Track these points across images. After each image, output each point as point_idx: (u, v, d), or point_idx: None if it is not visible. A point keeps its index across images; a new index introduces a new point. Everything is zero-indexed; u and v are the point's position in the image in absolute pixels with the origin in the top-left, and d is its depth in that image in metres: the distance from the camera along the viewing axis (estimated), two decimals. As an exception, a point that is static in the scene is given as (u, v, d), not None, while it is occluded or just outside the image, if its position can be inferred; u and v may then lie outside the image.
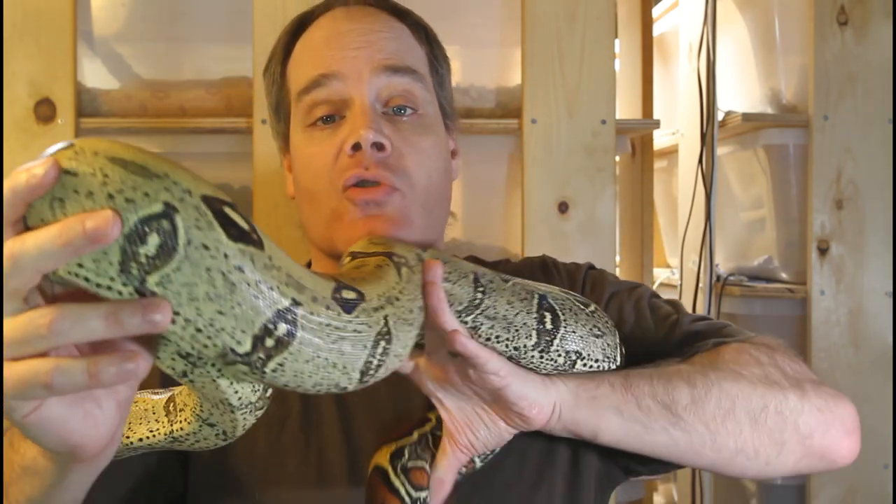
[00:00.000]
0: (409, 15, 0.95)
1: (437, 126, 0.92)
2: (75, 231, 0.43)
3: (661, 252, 2.44)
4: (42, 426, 0.49)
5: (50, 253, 0.44)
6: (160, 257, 0.45)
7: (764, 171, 1.86)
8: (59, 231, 0.44)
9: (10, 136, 1.50)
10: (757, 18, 1.94)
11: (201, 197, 0.47)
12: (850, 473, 1.74)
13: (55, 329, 0.45)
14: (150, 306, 0.45)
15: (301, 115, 0.90)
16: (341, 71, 0.86)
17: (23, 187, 0.45)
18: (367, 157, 0.83)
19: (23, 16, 1.50)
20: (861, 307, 1.75)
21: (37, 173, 0.44)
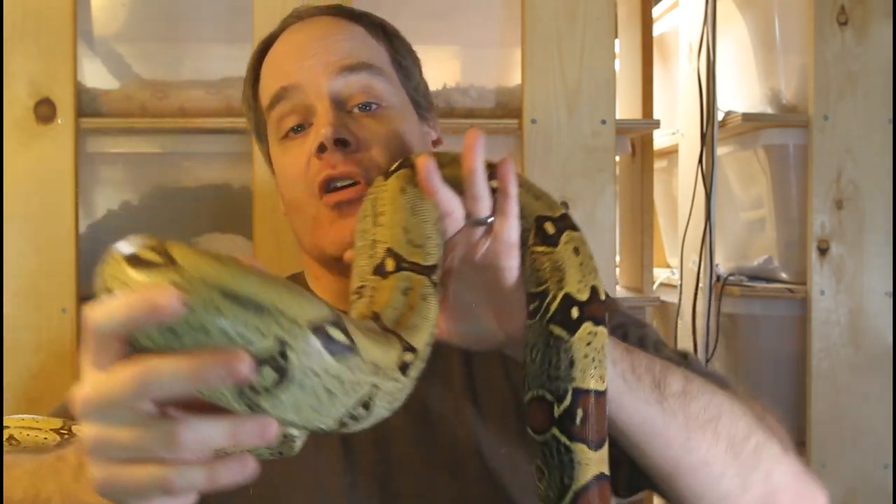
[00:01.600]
0: (364, 16, 0.96)
1: (406, 116, 0.92)
2: (211, 368, 0.47)
3: (661, 252, 2.44)
4: (128, 480, 0.51)
5: (183, 381, 0.47)
6: (274, 386, 0.49)
7: (764, 171, 1.86)
8: (195, 366, 0.47)
9: (10, 136, 1.50)
10: (757, 18, 1.94)
11: (308, 325, 0.50)
12: (850, 473, 1.75)
13: (181, 442, 0.48)
14: (267, 426, 0.50)
15: (273, 130, 0.92)
16: (299, 81, 0.88)
17: (142, 313, 0.47)
18: (334, 155, 0.84)
19: (23, 16, 1.50)
20: (861, 307, 1.75)
21: (161, 305, 0.46)
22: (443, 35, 1.70)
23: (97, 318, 0.49)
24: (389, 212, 0.69)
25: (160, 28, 1.63)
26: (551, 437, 0.67)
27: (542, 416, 0.68)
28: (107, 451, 0.50)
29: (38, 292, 1.50)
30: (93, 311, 0.49)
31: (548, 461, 0.68)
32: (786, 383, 1.85)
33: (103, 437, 0.50)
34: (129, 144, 1.63)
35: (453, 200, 0.67)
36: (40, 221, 1.51)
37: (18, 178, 1.50)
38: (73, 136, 1.51)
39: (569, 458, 0.67)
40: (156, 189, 1.64)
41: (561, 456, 0.67)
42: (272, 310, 0.48)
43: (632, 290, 1.98)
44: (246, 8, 1.52)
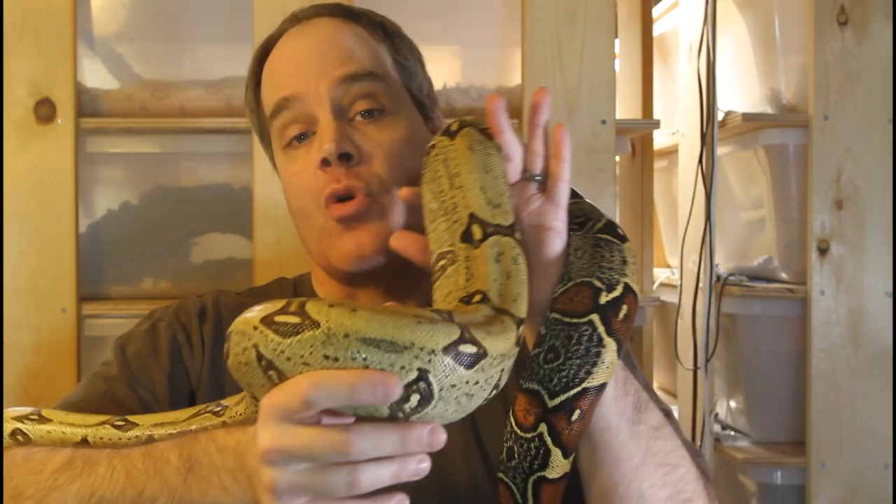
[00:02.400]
0: (364, 16, 0.95)
1: (409, 120, 0.91)
2: (369, 391, 0.54)
3: (661, 252, 2.44)
4: None
5: (345, 398, 0.55)
6: (420, 406, 0.56)
7: (764, 171, 1.86)
8: (355, 386, 0.54)
9: (10, 136, 1.50)
10: (757, 18, 1.94)
11: (443, 350, 0.56)
12: (850, 473, 1.74)
13: (356, 449, 0.55)
14: (434, 432, 0.57)
15: (277, 138, 0.91)
16: (299, 91, 0.87)
17: (367, 396, 0.54)
18: (338, 169, 0.84)
19: (23, 16, 1.50)
20: (861, 307, 1.75)
21: (385, 393, 0.54)
22: (443, 35, 1.70)
23: (321, 388, 0.55)
24: (465, 171, 0.70)
25: (160, 28, 1.63)
26: (538, 434, 0.69)
27: (534, 410, 0.69)
28: (292, 492, 0.57)
29: (38, 292, 1.51)
30: (315, 382, 0.55)
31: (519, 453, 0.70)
32: (786, 383, 1.85)
33: (292, 484, 0.57)
34: (129, 144, 1.63)
35: (517, 145, 0.71)
36: (40, 221, 1.51)
37: (18, 178, 1.50)
38: (73, 136, 1.51)
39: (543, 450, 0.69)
40: (156, 189, 1.64)
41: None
42: (409, 346, 0.55)
43: (632, 290, 1.98)
44: (246, 8, 1.52)
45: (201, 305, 0.96)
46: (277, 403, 0.56)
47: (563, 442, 0.68)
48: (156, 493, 0.66)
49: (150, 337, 0.93)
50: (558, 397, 0.68)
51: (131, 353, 0.91)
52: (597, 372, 0.68)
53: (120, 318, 1.54)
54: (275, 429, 0.57)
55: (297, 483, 0.57)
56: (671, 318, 2.08)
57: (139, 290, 1.63)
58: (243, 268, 1.63)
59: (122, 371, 0.90)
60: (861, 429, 1.75)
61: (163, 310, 0.97)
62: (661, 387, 2.43)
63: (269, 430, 0.57)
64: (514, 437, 0.70)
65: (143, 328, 0.94)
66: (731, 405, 2.01)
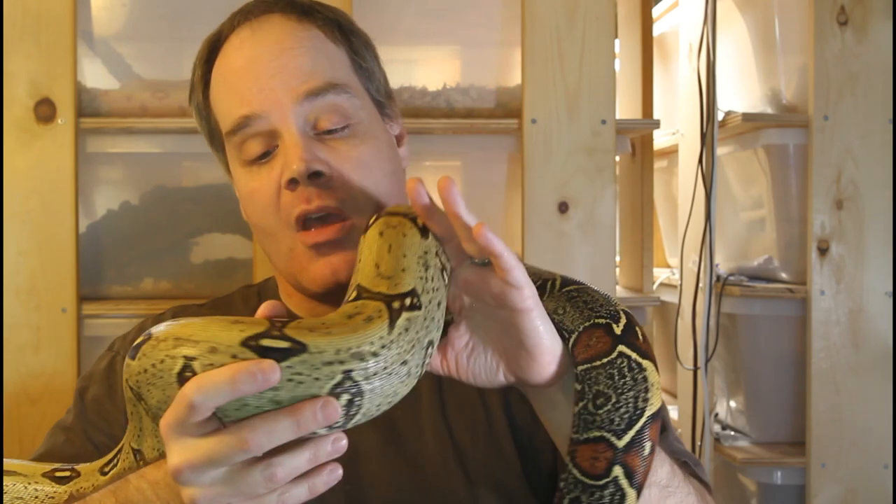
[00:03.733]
0: (317, 12, 0.90)
1: (374, 129, 0.89)
2: (311, 420, 0.57)
3: (661, 252, 2.44)
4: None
5: (289, 432, 0.57)
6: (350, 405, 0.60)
7: (764, 171, 1.86)
8: (298, 420, 0.57)
9: (10, 136, 1.50)
10: (757, 18, 1.94)
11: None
12: (850, 473, 1.74)
13: (254, 441, 0.56)
14: (339, 441, 0.60)
15: (235, 152, 0.88)
16: (262, 108, 0.83)
17: (248, 383, 0.55)
18: (308, 189, 0.81)
19: (23, 16, 1.50)
20: (861, 307, 1.75)
21: (264, 377, 0.56)
22: (443, 35, 1.70)
23: (203, 390, 0.56)
24: (365, 255, 0.69)
25: (160, 28, 1.63)
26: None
27: (602, 455, 0.68)
28: (218, 500, 0.58)
29: (38, 292, 1.51)
30: (197, 386, 0.56)
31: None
32: (786, 383, 1.85)
33: (212, 494, 0.58)
34: (129, 144, 1.63)
35: (446, 228, 0.67)
36: (40, 221, 1.51)
37: (18, 178, 1.50)
38: (73, 136, 1.51)
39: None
40: (156, 189, 1.64)
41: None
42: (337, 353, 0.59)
43: (632, 290, 1.98)
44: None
45: None
46: (170, 420, 0.58)
47: (639, 482, 0.68)
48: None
49: (107, 376, 0.93)
50: (627, 434, 0.67)
51: (89, 399, 0.92)
52: (651, 397, 0.69)
53: (120, 318, 1.54)
54: (176, 446, 0.58)
55: (216, 493, 0.58)
56: (671, 318, 2.08)
57: (139, 290, 1.63)
58: (243, 268, 1.63)
59: (77, 419, 0.91)
60: (861, 429, 1.75)
61: (121, 339, 0.97)
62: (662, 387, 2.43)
63: (172, 449, 0.58)
64: (582, 487, 0.68)
65: (102, 366, 0.94)
66: (731, 405, 2.01)
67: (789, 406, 1.85)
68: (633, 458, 0.68)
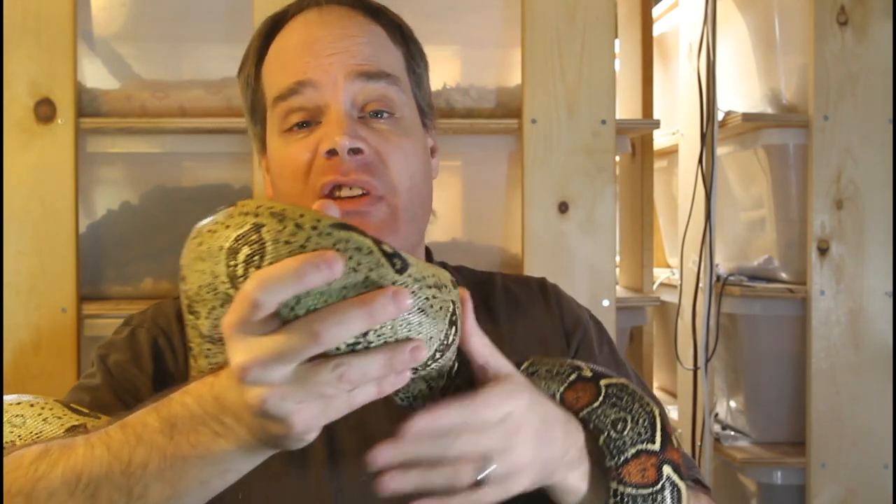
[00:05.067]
0: (384, 14, 0.94)
1: (415, 128, 0.91)
2: (384, 307, 0.54)
3: (661, 252, 2.44)
4: (306, 420, 0.57)
5: (361, 322, 0.54)
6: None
7: (764, 171, 1.86)
8: (370, 309, 0.54)
9: (10, 136, 1.50)
10: (757, 18, 1.94)
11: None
12: (850, 473, 1.74)
13: (326, 333, 0.54)
14: (396, 294, 0.55)
15: (277, 121, 0.89)
16: (316, 78, 0.86)
17: (316, 276, 0.53)
18: (345, 162, 0.83)
19: (23, 16, 1.50)
20: (861, 307, 1.75)
21: (330, 268, 0.53)
22: (443, 35, 1.70)
23: (267, 283, 0.53)
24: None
25: (160, 28, 1.63)
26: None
27: (648, 463, 0.73)
28: (283, 402, 0.55)
29: (38, 292, 1.51)
30: (260, 280, 0.53)
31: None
32: (786, 383, 1.85)
33: (280, 393, 0.55)
34: (129, 144, 1.63)
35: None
36: (40, 221, 1.51)
37: (18, 178, 1.50)
38: (73, 136, 1.52)
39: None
40: (156, 189, 1.64)
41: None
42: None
43: (632, 290, 1.98)
44: (246, 8, 1.52)
45: (178, 308, 0.93)
46: (234, 319, 0.55)
47: (684, 472, 0.73)
48: (145, 458, 0.63)
49: (130, 345, 0.91)
50: (655, 436, 0.72)
51: (113, 363, 0.90)
52: (649, 400, 0.75)
53: (120, 318, 1.52)
54: (241, 345, 0.55)
55: (284, 392, 0.56)
56: (671, 318, 2.08)
57: (139, 290, 1.63)
58: (243, 268, 1.62)
59: (105, 380, 0.88)
60: (861, 429, 1.75)
61: (140, 315, 0.96)
62: (661, 387, 2.43)
63: (236, 348, 0.56)
64: (642, 499, 0.71)
65: (123, 336, 0.93)
66: (731, 405, 2.01)
67: (789, 406, 1.85)
68: (671, 453, 0.72)
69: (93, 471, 0.64)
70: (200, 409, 0.62)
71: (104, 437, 0.66)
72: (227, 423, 0.61)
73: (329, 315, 0.54)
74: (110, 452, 0.64)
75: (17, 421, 0.74)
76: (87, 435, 0.67)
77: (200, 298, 0.63)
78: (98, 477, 0.63)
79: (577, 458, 0.71)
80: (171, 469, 0.62)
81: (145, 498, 0.63)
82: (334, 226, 0.56)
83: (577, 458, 0.71)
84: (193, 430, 0.62)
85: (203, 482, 0.63)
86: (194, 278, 0.62)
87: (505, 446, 0.64)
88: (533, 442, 0.66)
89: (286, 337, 0.54)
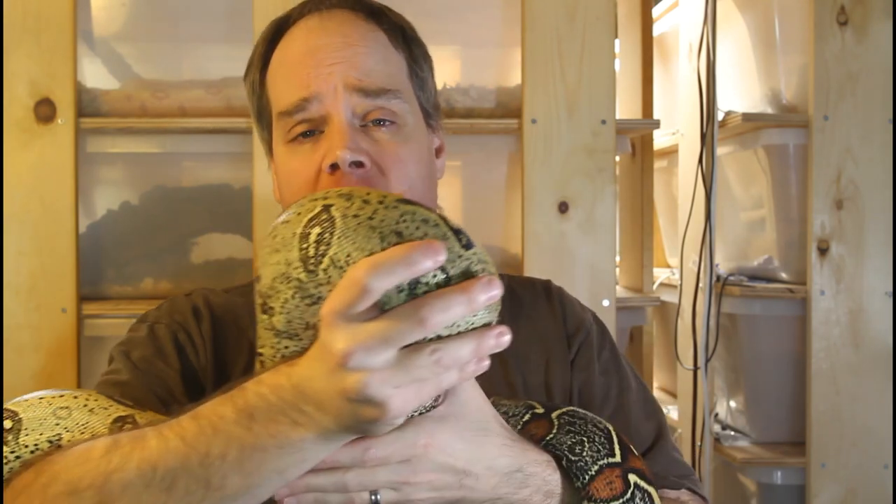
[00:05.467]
0: (385, 16, 0.94)
1: (417, 132, 0.92)
2: (420, 259, 0.56)
3: (661, 252, 2.44)
4: (401, 404, 0.58)
5: (401, 275, 0.56)
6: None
7: (764, 171, 1.86)
8: (407, 259, 0.56)
9: (10, 136, 1.50)
10: (757, 18, 1.94)
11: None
12: (850, 473, 1.74)
13: (432, 318, 0.56)
14: (490, 282, 0.58)
15: (282, 132, 0.91)
16: (318, 90, 0.87)
17: (424, 263, 0.56)
18: (347, 176, 0.84)
19: (23, 16, 1.50)
20: (861, 307, 1.75)
21: (436, 256, 0.56)
22: (443, 35, 1.70)
23: (379, 271, 0.55)
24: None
25: (160, 28, 1.63)
26: None
27: (613, 475, 0.75)
28: (383, 387, 0.57)
29: (38, 292, 1.51)
30: (371, 267, 0.55)
31: None
32: (786, 383, 1.85)
33: (382, 378, 0.57)
34: (129, 144, 1.63)
35: None
36: (40, 221, 1.51)
37: (18, 178, 1.51)
38: (73, 136, 1.52)
39: None
40: (156, 189, 1.64)
41: None
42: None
43: (632, 290, 1.98)
44: (246, 8, 1.52)
45: (193, 305, 0.94)
46: (338, 305, 0.56)
47: (649, 476, 0.75)
48: (223, 449, 0.63)
49: (152, 341, 0.91)
50: (615, 448, 0.75)
51: (138, 358, 0.89)
52: (600, 418, 0.78)
53: (120, 318, 1.54)
54: (344, 331, 0.57)
55: (386, 377, 0.57)
56: (671, 318, 2.08)
57: (139, 290, 1.63)
58: (243, 268, 1.63)
59: (133, 375, 0.87)
60: (861, 429, 1.75)
61: (156, 311, 0.96)
62: (661, 387, 2.43)
63: (338, 334, 0.57)
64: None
65: (142, 333, 0.92)
66: (731, 405, 2.01)
67: (789, 406, 1.85)
68: (633, 461, 0.74)
69: (168, 462, 0.63)
70: (278, 399, 0.62)
71: (177, 428, 0.65)
72: (308, 411, 0.61)
73: (435, 301, 0.56)
74: (186, 443, 0.64)
75: (62, 413, 0.73)
76: (157, 426, 0.66)
77: (274, 291, 0.64)
78: (175, 468, 0.63)
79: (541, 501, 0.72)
80: (249, 459, 0.62)
81: (223, 489, 0.63)
82: (400, 200, 0.59)
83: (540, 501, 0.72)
84: (272, 420, 0.62)
85: (280, 471, 0.64)
86: (268, 272, 0.64)
87: (400, 480, 0.67)
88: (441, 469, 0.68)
89: (392, 322, 0.56)
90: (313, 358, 0.60)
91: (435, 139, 0.98)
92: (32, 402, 0.74)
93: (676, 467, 0.90)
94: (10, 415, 0.72)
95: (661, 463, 0.89)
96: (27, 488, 0.67)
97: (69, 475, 0.66)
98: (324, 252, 0.59)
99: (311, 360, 0.61)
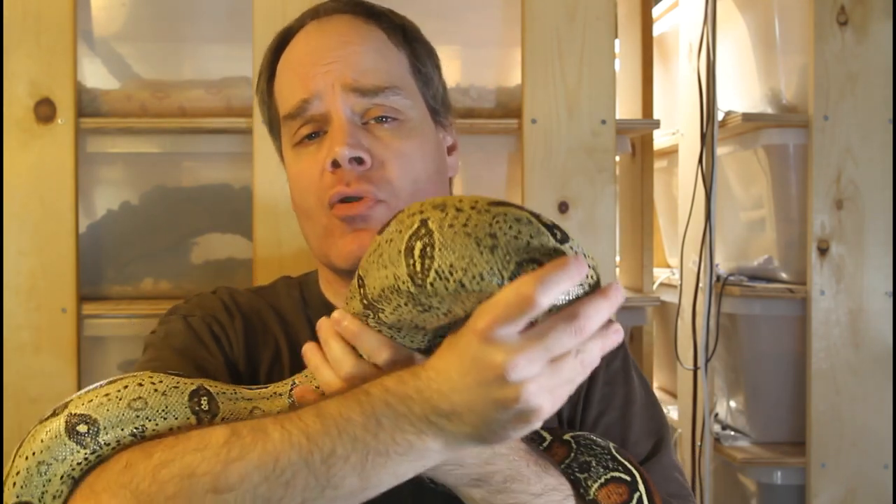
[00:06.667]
0: (385, 16, 0.94)
1: (422, 128, 0.92)
2: (575, 275, 0.58)
3: (661, 252, 2.44)
4: (551, 407, 0.61)
5: (564, 289, 0.59)
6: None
7: (764, 171, 1.86)
8: (568, 274, 0.58)
9: (10, 136, 1.50)
10: (757, 18, 1.94)
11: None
12: (850, 473, 1.74)
13: (588, 327, 0.59)
14: (616, 287, 0.61)
15: (289, 136, 0.92)
16: (317, 89, 0.87)
17: (578, 277, 0.58)
18: (348, 172, 0.85)
19: (23, 16, 1.50)
20: (861, 307, 1.75)
21: (581, 270, 0.58)
22: (443, 35, 1.69)
23: (547, 286, 0.57)
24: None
25: (160, 28, 1.63)
26: None
27: (618, 491, 0.78)
28: (541, 392, 0.60)
29: (38, 292, 1.51)
30: (540, 282, 0.57)
31: None
32: (786, 383, 1.85)
33: (540, 385, 0.59)
34: (129, 144, 1.63)
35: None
36: (40, 221, 1.51)
37: (18, 178, 1.50)
38: (73, 136, 1.51)
39: None
40: (156, 189, 1.64)
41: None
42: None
43: (632, 290, 1.98)
44: (246, 8, 1.52)
45: (222, 300, 0.95)
46: (502, 320, 0.58)
47: (653, 493, 0.77)
48: (347, 451, 0.64)
49: (190, 331, 0.90)
50: (619, 463, 0.78)
51: (180, 346, 0.88)
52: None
53: (120, 318, 1.54)
54: (505, 344, 0.59)
55: (543, 383, 0.59)
56: (671, 318, 2.08)
57: (139, 290, 1.63)
58: (243, 268, 1.63)
59: (179, 361, 0.86)
60: (861, 429, 1.75)
61: (186, 305, 0.95)
62: (661, 387, 2.43)
63: (498, 348, 0.59)
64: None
65: (179, 325, 0.91)
66: (731, 405, 2.01)
67: (789, 406, 1.85)
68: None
69: (291, 457, 0.64)
70: (406, 410, 0.64)
71: (299, 423, 0.66)
72: (437, 421, 0.63)
73: (588, 309, 0.59)
74: (310, 441, 0.65)
75: (137, 404, 0.72)
76: (276, 419, 0.67)
77: (384, 298, 0.67)
78: (296, 463, 0.64)
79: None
80: (371, 463, 0.64)
81: (339, 488, 0.64)
82: (492, 203, 0.61)
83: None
84: (400, 429, 0.64)
85: (399, 476, 0.66)
86: (376, 283, 0.67)
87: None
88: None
89: (551, 332, 0.59)
90: (455, 371, 0.62)
91: (447, 137, 0.98)
92: (98, 399, 0.72)
93: (669, 485, 0.89)
94: (82, 419, 0.71)
95: (654, 479, 0.89)
96: (131, 466, 0.68)
97: (185, 460, 0.66)
98: (429, 266, 0.62)
99: (449, 373, 0.62)
